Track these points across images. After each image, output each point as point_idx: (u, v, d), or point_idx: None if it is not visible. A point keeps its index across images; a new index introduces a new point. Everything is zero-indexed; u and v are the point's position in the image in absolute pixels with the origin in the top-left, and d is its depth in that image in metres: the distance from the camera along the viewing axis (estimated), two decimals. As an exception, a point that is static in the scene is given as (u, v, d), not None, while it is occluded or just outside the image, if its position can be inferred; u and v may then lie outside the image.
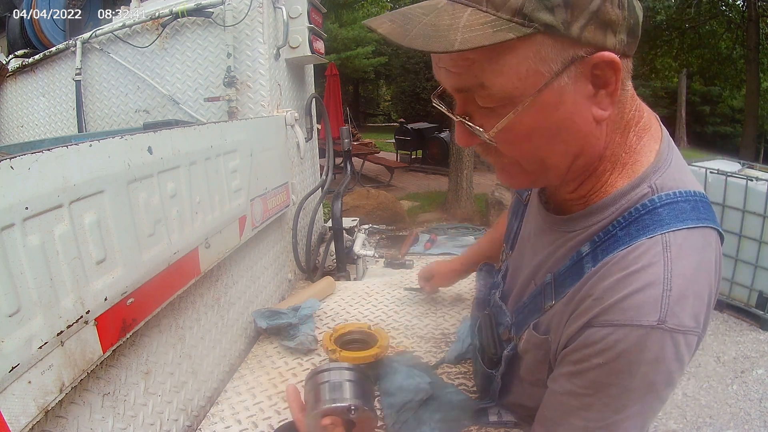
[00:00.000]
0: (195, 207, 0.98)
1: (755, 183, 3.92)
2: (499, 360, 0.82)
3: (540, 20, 0.50)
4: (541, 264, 0.74)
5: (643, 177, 0.61)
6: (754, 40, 11.17)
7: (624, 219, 0.61)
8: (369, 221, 2.52)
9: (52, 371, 0.63)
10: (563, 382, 0.64)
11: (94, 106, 1.90)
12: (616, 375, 0.57)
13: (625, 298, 0.56)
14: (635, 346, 0.55)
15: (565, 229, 0.69)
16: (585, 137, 0.59)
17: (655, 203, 0.60)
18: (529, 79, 0.53)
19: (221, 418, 1.05)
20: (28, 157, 0.59)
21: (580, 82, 0.54)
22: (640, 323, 0.55)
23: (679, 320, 0.55)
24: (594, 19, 0.51)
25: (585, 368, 0.60)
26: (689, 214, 0.59)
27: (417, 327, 1.40)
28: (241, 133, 1.22)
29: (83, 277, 0.68)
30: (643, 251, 0.58)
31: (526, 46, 0.52)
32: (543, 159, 0.60)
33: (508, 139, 0.58)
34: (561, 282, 0.68)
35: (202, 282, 1.12)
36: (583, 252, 0.65)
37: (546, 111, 0.55)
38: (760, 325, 3.94)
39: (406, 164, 11.56)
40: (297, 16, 1.63)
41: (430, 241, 2.23)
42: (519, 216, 0.88)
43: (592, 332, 0.58)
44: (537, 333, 0.70)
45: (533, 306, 0.73)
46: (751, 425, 2.85)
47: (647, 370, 0.56)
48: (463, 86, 0.58)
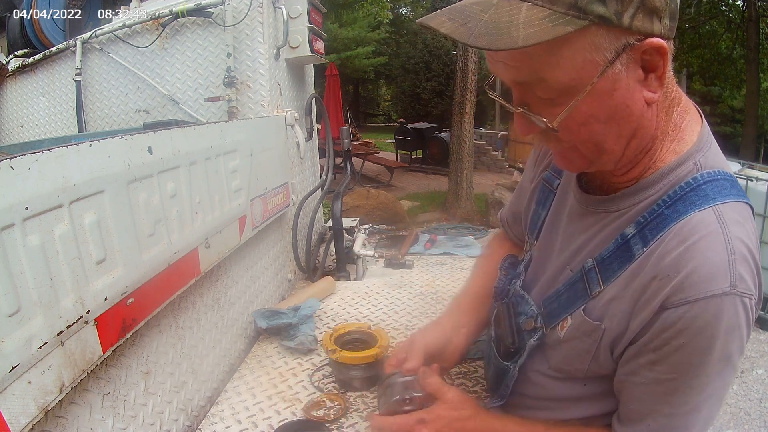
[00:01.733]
0: (195, 207, 0.98)
1: (755, 183, 3.92)
2: (517, 351, 0.81)
3: (594, 12, 0.52)
4: (578, 250, 0.74)
5: (689, 154, 0.64)
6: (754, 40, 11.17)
7: (669, 198, 0.63)
8: (369, 221, 2.52)
9: (52, 371, 0.62)
10: (645, 373, 0.64)
11: (94, 106, 1.90)
12: (698, 352, 0.58)
13: (693, 272, 0.57)
14: (713, 317, 0.56)
15: (607, 210, 0.70)
16: (638, 120, 0.61)
17: (699, 181, 0.62)
18: (585, 69, 0.56)
19: (221, 418, 1.05)
20: (28, 157, 0.59)
21: (631, 68, 0.57)
22: (714, 292, 0.56)
23: (746, 284, 0.57)
24: (642, 7, 0.54)
25: (666, 353, 0.60)
26: (730, 191, 0.62)
27: (417, 327, 1.39)
28: (241, 133, 1.22)
29: (83, 277, 0.68)
30: (697, 221, 0.60)
31: (581, 38, 0.54)
32: (600, 143, 0.62)
33: (567, 127, 0.61)
34: (606, 266, 0.68)
35: (202, 282, 1.12)
36: (628, 234, 0.66)
37: (601, 98, 0.58)
38: (760, 325, 3.94)
39: (406, 164, 11.57)
40: (297, 16, 1.63)
41: (430, 241, 2.23)
42: (546, 204, 0.87)
43: (667, 314, 0.59)
44: (589, 319, 0.69)
45: (573, 293, 0.73)
46: (751, 425, 2.85)
47: (726, 340, 0.57)
48: (522, 79, 0.60)
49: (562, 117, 0.59)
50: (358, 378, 1.12)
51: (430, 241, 2.23)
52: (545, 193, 0.89)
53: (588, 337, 0.69)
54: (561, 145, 0.65)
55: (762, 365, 3.44)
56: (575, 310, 0.71)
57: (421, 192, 9.11)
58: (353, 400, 1.09)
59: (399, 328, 1.39)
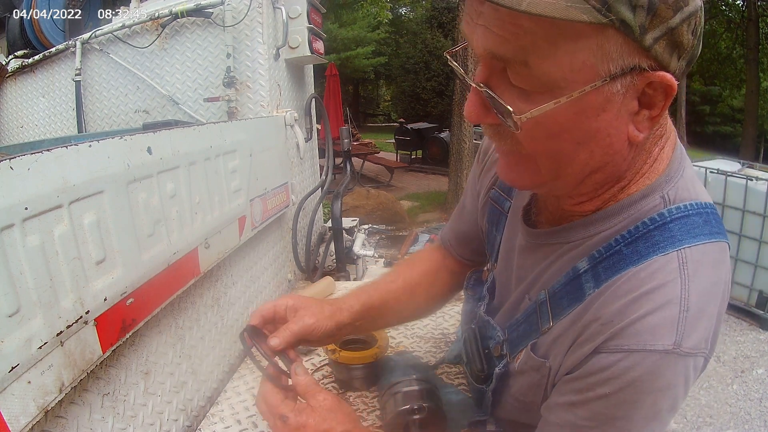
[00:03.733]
0: (194, 207, 0.98)
1: (755, 183, 3.93)
2: (488, 377, 0.76)
3: (619, 14, 0.44)
4: (534, 280, 0.69)
5: (656, 186, 0.57)
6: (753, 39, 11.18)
7: (630, 234, 0.57)
8: (369, 221, 2.52)
9: (52, 371, 0.63)
10: (561, 413, 0.59)
11: (94, 106, 1.91)
12: (623, 406, 0.53)
13: (638, 320, 0.52)
14: (648, 374, 0.51)
15: (558, 240, 0.64)
16: (612, 154, 0.54)
17: (665, 218, 0.56)
18: (581, 73, 0.47)
19: (221, 418, 1.05)
20: (27, 157, 0.59)
21: (629, 95, 0.49)
22: (654, 348, 0.51)
23: (693, 342, 0.51)
24: (669, 34, 0.47)
25: (588, 398, 0.55)
26: (701, 229, 0.55)
27: (417, 327, 1.40)
28: (240, 133, 1.23)
29: (83, 277, 0.68)
30: (657, 268, 0.53)
31: (592, 36, 0.46)
32: (561, 164, 0.54)
33: (532, 133, 0.51)
34: (557, 302, 0.63)
35: (202, 282, 1.12)
36: (580, 269, 0.60)
37: (585, 114, 0.49)
38: (760, 325, 3.95)
39: (406, 164, 11.57)
40: (296, 17, 1.63)
41: (430, 241, 2.23)
42: (500, 227, 0.81)
43: (599, 359, 0.54)
44: (535, 355, 0.65)
45: (528, 325, 0.68)
46: (751, 425, 2.85)
47: (656, 399, 0.52)
48: (502, 54, 0.49)
49: (532, 115, 0.49)
50: (358, 378, 1.12)
51: (430, 241, 2.23)
52: (496, 214, 0.82)
53: (536, 372, 0.65)
54: (512, 150, 0.56)
55: (762, 365, 3.45)
56: (528, 344, 0.67)
57: (421, 192, 9.11)
58: (353, 400, 1.09)
59: (399, 328, 1.39)
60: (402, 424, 0.89)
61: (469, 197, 0.94)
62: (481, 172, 0.89)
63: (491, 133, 0.58)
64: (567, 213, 0.64)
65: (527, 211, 0.73)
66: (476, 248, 0.95)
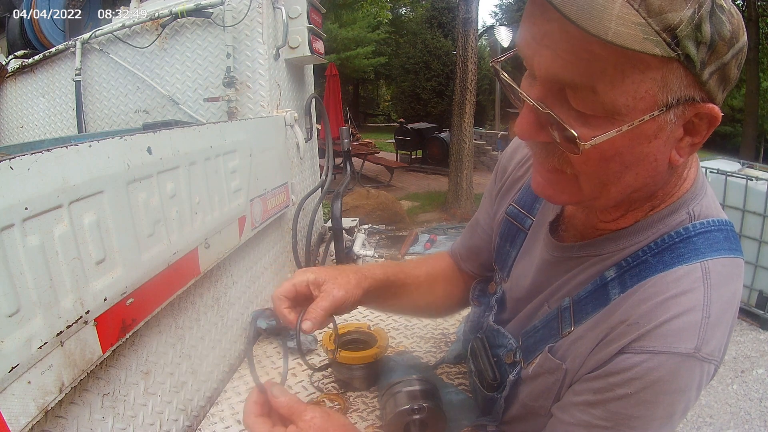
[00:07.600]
0: (194, 207, 0.98)
1: (755, 183, 3.93)
2: (500, 384, 0.78)
3: (686, 49, 0.47)
4: (557, 289, 0.71)
5: (683, 202, 0.61)
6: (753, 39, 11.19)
7: (656, 245, 0.60)
8: (369, 221, 2.52)
9: (52, 371, 0.63)
10: (576, 412, 0.60)
11: (94, 106, 1.91)
12: (641, 406, 0.55)
13: (665, 323, 0.54)
14: (669, 374, 0.54)
15: (588, 254, 0.66)
16: (654, 176, 0.56)
17: (690, 232, 0.59)
18: (643, 101, 0.49)
19: (221, 418, 1.05)
20: (27, 157, 0.59)
21: (677, 123, 0.52)
22: (678, 350, 0.53)
23: (710, 349, 0.54)
24: (721, 69, 0.50)
25: (607, 398, 0.57)
26: (722, 244, 0.59)
27: (417, 327, 1.40)
28: (240, 133, 1.23)
29: (83, 277, 0.68)
30: (681, 275, 0.57)
31: (658, 68, 0.48)
32: (607, 184, 0.56)
33: (588, 153, 0.52)
34: (581, 307, 0.65)
35: (202, 282, 1.12)
36: (608, 277, 0.63)
37: (639, 140, 0.51)
38: (760, 325, 3.95)
39: (406, 164, 11.58)
40: (296, 17, 1.63)
41: (430, 241, 2.23)
42: (515, 243, 0.83)
43: (624, 358, 0.56)
44: (553, 357, 0.67)
45: (547, 330, 0.70)
46: (751, 425, 2.85)
47: (672, 401, 0.55)
48: (569, 79, 0.50)
49: (597, 142, 0.50)
50: (358, 378, 1.12)
51: (430, 241, 2.23)
52: (513, 230, 0.84)
53: (551, 374, 0.67)
54: (558, 168, 0.57)
55: (762, 365, 3.45)
56: (545, 348, 0.69)
57: (421, 192, 9.12)
58: (353, 400, 1.09)
59: (398, 328, 1.40)
60: (402, 424, 0.89)
61: (483, 214, 0.96)
62: (500, 192, 0.90)
63: (539, 150, 0.59)
64: (596, 228, 0.67)
65: (553, 226, 0.75)
66: (484, 262, 0.98)
